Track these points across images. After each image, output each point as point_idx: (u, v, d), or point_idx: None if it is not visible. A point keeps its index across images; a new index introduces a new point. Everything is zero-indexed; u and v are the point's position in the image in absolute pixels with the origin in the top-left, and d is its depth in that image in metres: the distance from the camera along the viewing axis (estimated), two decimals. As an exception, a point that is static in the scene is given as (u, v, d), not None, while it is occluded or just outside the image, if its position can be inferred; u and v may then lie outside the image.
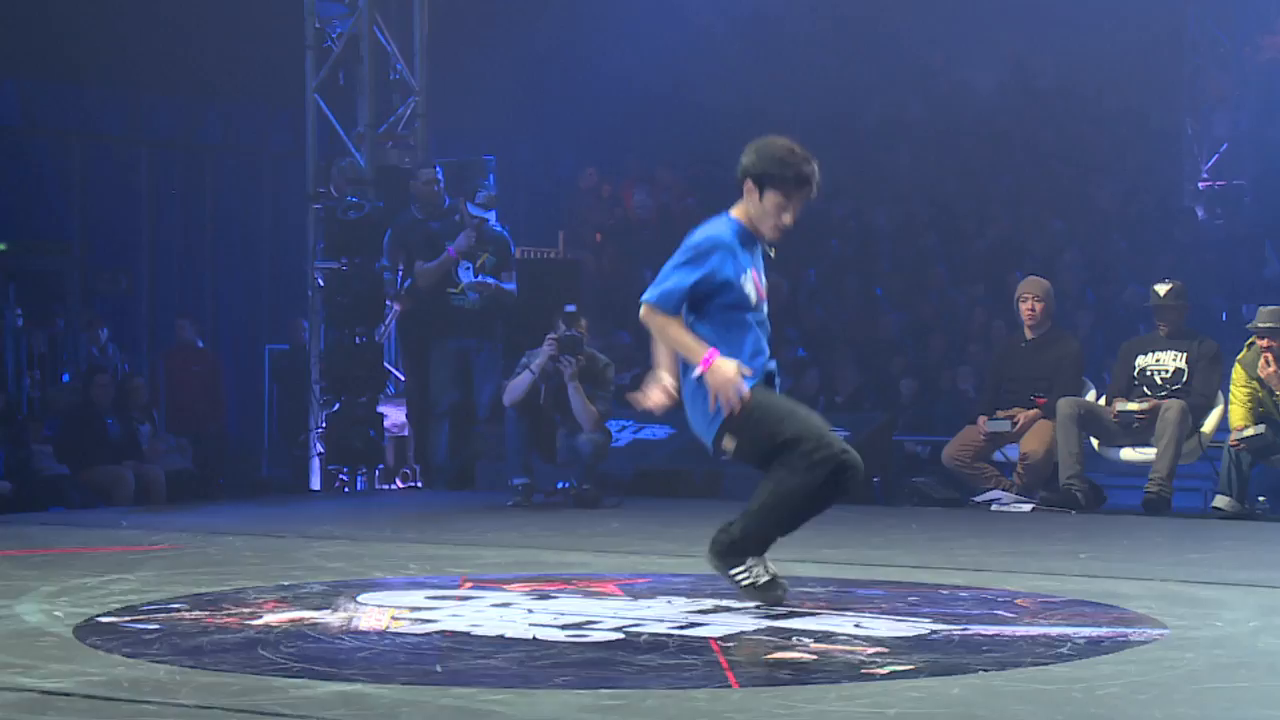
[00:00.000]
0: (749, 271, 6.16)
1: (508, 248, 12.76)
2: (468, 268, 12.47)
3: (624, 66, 17.93)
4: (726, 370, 6.01)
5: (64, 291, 15.07)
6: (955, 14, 18.68)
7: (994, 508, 10.98)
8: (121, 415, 13.06)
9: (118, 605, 6.28)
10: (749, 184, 6.17)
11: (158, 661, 5.12)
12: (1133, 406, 10.91)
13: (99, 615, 6.03)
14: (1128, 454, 11.14)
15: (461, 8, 15.20)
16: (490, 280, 12.45)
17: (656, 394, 6.33)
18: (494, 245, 12.53)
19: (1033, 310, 11.44)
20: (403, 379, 13.47)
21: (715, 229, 6.18)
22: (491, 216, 12.59)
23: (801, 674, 4.96)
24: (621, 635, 5.60)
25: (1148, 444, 10.88)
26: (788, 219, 6.19)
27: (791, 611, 6.10)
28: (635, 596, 6.57)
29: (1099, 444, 11.20)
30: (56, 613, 6.08)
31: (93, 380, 13.08)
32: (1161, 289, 11.18)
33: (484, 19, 17.04)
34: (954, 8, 18.59)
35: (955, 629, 5.76)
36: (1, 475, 11.83)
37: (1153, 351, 11.14)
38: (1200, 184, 17.89)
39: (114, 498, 12.31)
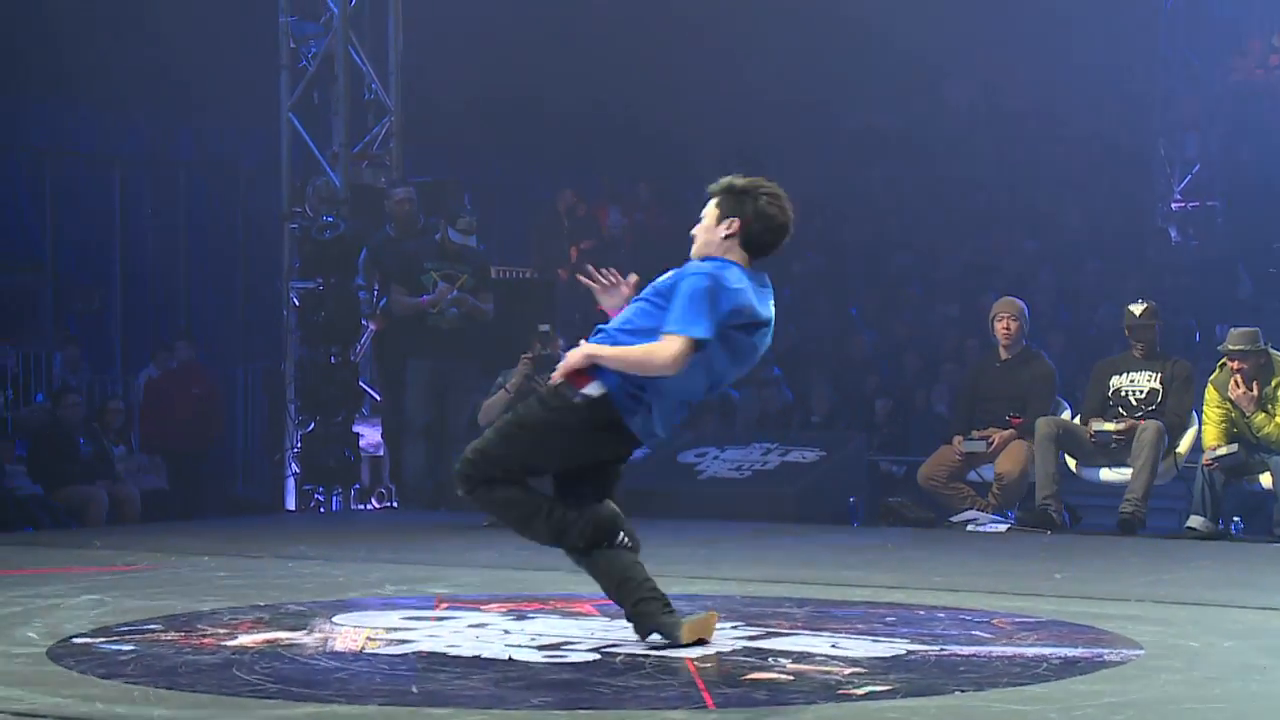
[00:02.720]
0: None
1: (486, 269, 12.76)
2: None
3: (601, 86, 17.96)
4: None
5: (36, 310, 15.03)
6: (929, 33, 18.75)
7: (969, 528, 10.99)
8: (92, 435, 13.00)
9: (92, 626, 6.25)
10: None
11: (132, 682, 5.09)
12: (1110, 427, 10.94)
13: (73, 636, 6.00)
14: (1106, 474, 11.15)
15: (437, 28, 15.21)
16: (469, 297, 12.44)
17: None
18: (472, 266, 12.52)
19: (1008, 329, 11.47)
20: (378, 398, 13.44)
21: None
22: (472, 242, 12.57)
23: (778, 694, 4.96)
24: (598, 656, 5.59)
25: (1124, 464, 10.91)
26: None
27: (769, 632, 6.10)
28: (611, 617, 6.54)
29: (1076, 464, 11.23)
30: (30, 633, 6.05)
31: (62, 400, 13.02)
32: (1136, 309, 11.21)
33: (459, 39, 17.05)
34: (927, 26, 18.65)
35: (932, 649, 5.76)
36: (-26, 495, 11.79)
37: (1127, 372, 11.18)
38: (1173, 205, 17.97)
39: (88, 517, 12.25)
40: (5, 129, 15.58)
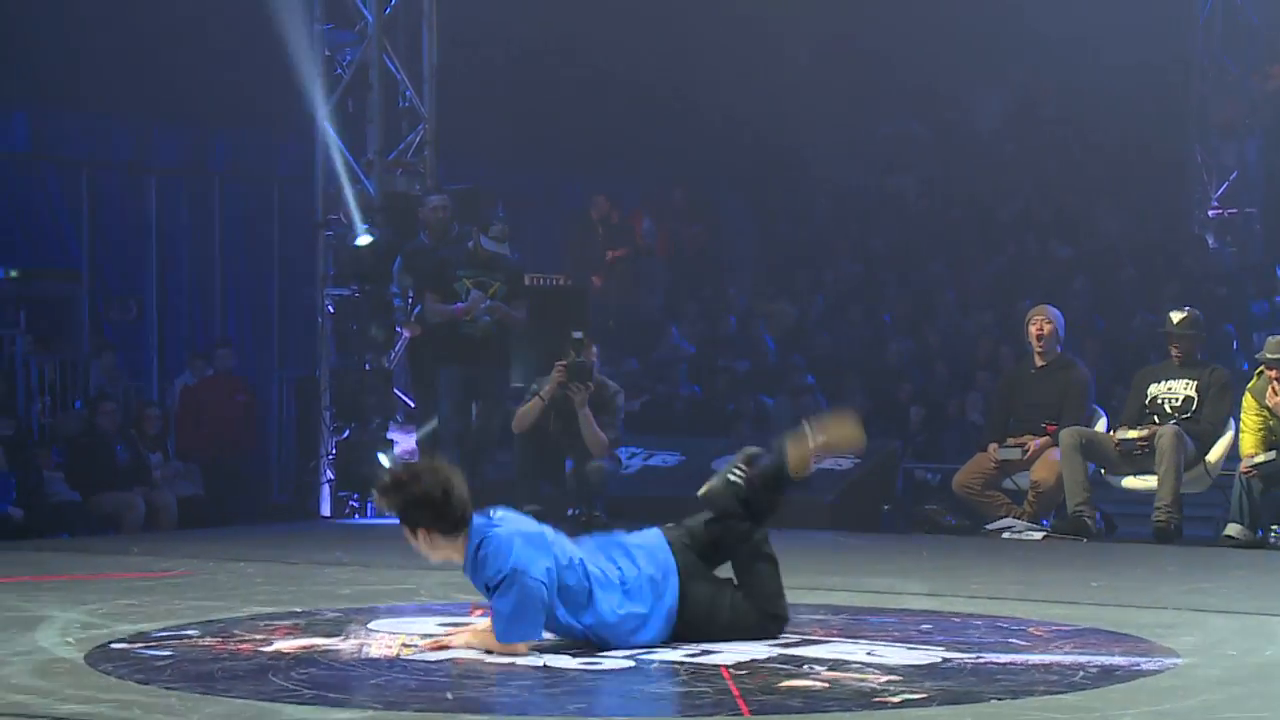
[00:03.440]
0: None
1: (520, 276, 12.76)
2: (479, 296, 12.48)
3: (634, 92, 17.97)
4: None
5: (73, 318, 15.08)
6: (960, 41, 18.71)
7: (1005, 536, 10.97)
8: (129, 442, 13.06)
9: (129, 632, 6.28)
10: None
11: (170, 688, 5.11)
12: (1132, 434, 10.90)
13: (111, 641, 6.03)
14: (1130, 482, 11.11)
15: (471, 36, 15.25)
16: (502, 305, 12.44)
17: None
18: (505, 274, 12.52)
19: (1041, 330, 11.41)
20: (412, 405, 13.47)
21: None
22: (506, 250, 12.57)
23: (813, 702, 4.95)
24: (633, 663, 5.59)
25: (1150, 471, 10.85)
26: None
27: (804, 639, 6.09)
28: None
29: (1105, 473, 11.19)
30: (69, 639, 6.08)
31: (99, 408, 13.08)
32: (1176, 316, 11.17)
33: (492, 47, 17.07)
34: (958, 35, 18.62)
35: (968, 657, 5.75)
36: (13, 501, 11.83)
37: (1165, 380, 11.13)
38: (1210, 212, 17.88)
39: (124, 524, 12.30)
40: (41, 140, 15.64)
